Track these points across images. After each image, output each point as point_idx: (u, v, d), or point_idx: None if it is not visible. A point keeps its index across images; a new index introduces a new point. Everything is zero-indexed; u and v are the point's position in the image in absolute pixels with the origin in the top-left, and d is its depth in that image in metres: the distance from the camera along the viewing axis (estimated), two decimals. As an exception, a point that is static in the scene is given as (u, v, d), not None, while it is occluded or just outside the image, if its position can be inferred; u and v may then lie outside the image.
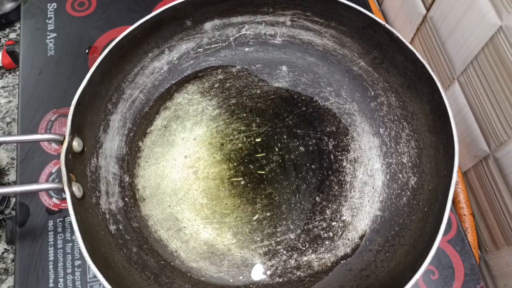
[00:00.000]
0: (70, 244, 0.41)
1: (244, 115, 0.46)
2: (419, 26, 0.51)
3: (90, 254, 0.33)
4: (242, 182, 0.43)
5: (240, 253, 0.40)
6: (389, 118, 0.44)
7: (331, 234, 0.41)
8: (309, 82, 0.48)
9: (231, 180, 0.43)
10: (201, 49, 0.48)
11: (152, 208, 0.42)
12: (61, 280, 0.40)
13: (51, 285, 0.39)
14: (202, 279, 0.39)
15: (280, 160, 0.44)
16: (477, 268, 0.41)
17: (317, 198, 0.42)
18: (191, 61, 0.48)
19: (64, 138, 0.35)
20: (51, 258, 0.41)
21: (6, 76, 0.61)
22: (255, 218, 0.41)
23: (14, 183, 0.48)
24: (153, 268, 0.38)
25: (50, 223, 0.42)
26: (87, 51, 0.51)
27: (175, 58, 0.48)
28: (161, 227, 0.41)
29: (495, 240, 0.45)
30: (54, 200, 0.43)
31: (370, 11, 0.44)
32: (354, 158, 0.44)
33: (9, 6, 0.59)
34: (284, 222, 0.41)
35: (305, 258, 0.40)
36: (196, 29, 0.47)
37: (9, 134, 0.53)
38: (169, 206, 0.42)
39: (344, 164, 0.44)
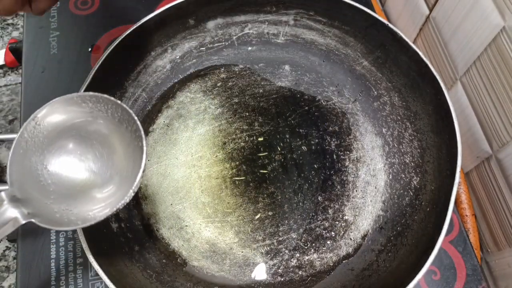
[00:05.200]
0: (72, 242, 0.41)
1: (247, 114, 0.46)
2: (422, 26, 0.51)
3: (92, 252, 0.33)
4: (244, 181, 0.43)
5: (242, 252, 0.40)
6: (392, 118, 0.44)
7: (333, 233, 0.41)
8: (312, 82, 0.48)
9: (233, 179, 0.43)
10: (204, 48, 0.49)
11: (154, 206, 0.42)
12: (62, 278, 0.40)
13: (52, 282, 0.39)
14: (203, 278, 0.39)
15: (283, 160, 0.44)
16: (479, 269, 0.41)
17: (319, 198, 0.42)
18: (194, 60, 0.48)
19: (67, 136, 0.35)
20: (53, 256, 0.41)
21: (8, 74, 0.61)
22: (257, 217, 0.41)
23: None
24: (155, 266, 0.38)
25: (52, 221, 0.42)
26: (90, 49, 0.51)
27: (178, 57, 0.48)
28: (163, 226, 0.41)
29: (496, 241, 0.45)
30: (56, 198, 0.43)
31: (373, 11, 0.44)
32: (356, 158, 0.44)
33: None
34: (286, 222, 0.41)
35: (307, 258, 0.40)
36: (199, 28, 0.47)
37: (12, 131, 0.53)
38: (171, 204, 0.42)
39: (347, 163, 0.44)
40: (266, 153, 0.44)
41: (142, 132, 0.29)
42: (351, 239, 0.41)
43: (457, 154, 0.36)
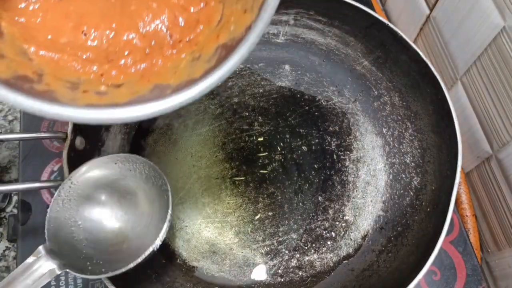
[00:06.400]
0: (72, 242, 0.41)
1: (247, 114, 0.46)
2: (422, 26, 0.51)
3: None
4: (244, 181, 0.43)
5: (242, 252, 0.40)
6: (392, 118, 0.44)
7: (333, 234, 0.41)
8: (312, 82, 0.48)
9: (233, 179, 0.43)
10: (203, 48, 0.48)
11: (154, 206, 0.42)
12: (62, 278, 0.40)
13: (53, 283, 0.39)
14: (203, 278, 0.39)
15: (283, 160, 0.44)
16: (479, 269, 0.41)
17: (319, 198, 0.42)
18: (194, 60, 0.48)
19: (67, 136, 0.35)
20: (53, 256, 0.40)
21: (8, 73, 0.61)
22: (257, 217, 0.41)
23: (16, 180, 0.48)
24: (155, 267, 0.38)
25: (52, 221, 0.42)
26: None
27: (177, 57, 0.47)
28: (162, 226, 0.41)
29: (497, 241, 0.45)
30: (56, 198, 0.43)
31: (373, 10, 0.44)
32: (357, 158, 0.44)
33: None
34: (286, 222, 0.41)
35: (307, 258, 0.40)
36: (199, 28, 0.47)
37: (12, 131, 0.53)
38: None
39: (347, 163, 0.44)
40: (266, 153, 0.44)
41: (169, 187, 0.33)
42: (351, 239, 0.41)
43: (458, 154, 0.36)
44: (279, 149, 0.44)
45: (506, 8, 0.36)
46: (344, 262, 0.40)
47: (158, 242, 0.31)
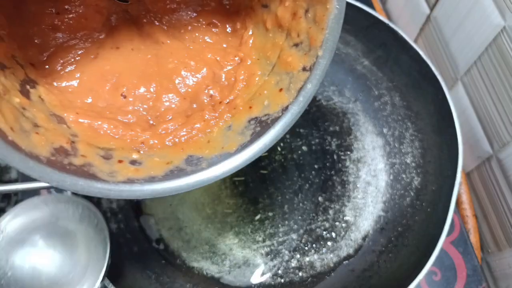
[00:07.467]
0: (71, 242, 0.41)
1: (247, 114, 0.46)
2: (422, 26, 0.51)
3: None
4: (244, 182, 0.43)
5: (242, 253, 0.40)
6: (392, 118, 0.44)
7: (333, 234, 0.41)
8: (312, 82, 0.48)
9: (233, 180, 0.43)
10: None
11: (153, 207, 0.41)
12: None
13: None
14: (203, 279, 0.39)
15: (283, 160, 0.44)
16: (479, 269, 0.41)
17: (319, 198, 0.42)
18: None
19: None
20: (52, 257, 0.40)
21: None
22: (257, 218, 0.41)
23: (16, 180, 0.48)
24: (154, 267, 0.38)
25: (51, 221, 0.42)
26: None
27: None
28: (162, 226, 0.41)
29: (497, 242, 0.45)
30: (55, 198, 0.43)
31: (374, 10, 0.44)
32: (357, 158, 0.44)
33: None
34: (287, 222, 0.41)
35: (308, 259, 0.40)
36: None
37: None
38: (170, 205, 0.42)
39: (347, 164, 0.44)
40: (266, 153, 0.44)
41: (105, 224, 0.32)
42: (351, 239, 0.41)
43: (458, 154, 0.36)
44: (279, 149, 0.44)
45: (506, 8, 0.36)
46: (344, 262, 0.40)
47: (98, 285, 0.30)
